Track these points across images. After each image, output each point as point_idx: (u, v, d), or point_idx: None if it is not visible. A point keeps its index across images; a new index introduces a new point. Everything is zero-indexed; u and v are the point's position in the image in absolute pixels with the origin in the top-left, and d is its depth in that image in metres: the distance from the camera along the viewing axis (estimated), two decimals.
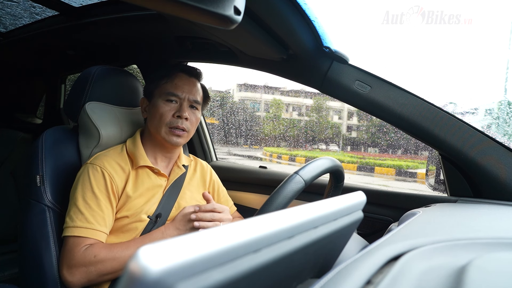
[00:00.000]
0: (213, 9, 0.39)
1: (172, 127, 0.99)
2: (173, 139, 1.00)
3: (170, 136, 0.99)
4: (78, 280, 0.84)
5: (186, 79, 1.03)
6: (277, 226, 0.29)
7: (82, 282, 0.84)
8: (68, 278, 0.84)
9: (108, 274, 0.84)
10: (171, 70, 1.03)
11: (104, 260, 0.83)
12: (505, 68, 3.04)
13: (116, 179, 0.94)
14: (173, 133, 0.99)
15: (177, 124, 0.99)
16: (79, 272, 0.83)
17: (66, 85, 2.20)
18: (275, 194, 0.81)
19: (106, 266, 0.83)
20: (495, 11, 7.76)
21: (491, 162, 0.93)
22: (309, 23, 0.89)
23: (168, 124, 0.99)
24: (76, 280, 0.84)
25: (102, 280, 0.85)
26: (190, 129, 1.03)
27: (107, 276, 0.85)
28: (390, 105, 1.00)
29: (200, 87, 1.07)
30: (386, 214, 1.19)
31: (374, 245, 0.46)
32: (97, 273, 0.83)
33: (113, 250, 0.85)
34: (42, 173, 0.96)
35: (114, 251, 0.85)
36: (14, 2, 1.40)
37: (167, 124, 0.99)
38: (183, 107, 1.00)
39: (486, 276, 0.36)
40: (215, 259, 0.23)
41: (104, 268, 0.83)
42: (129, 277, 0.19)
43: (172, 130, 0.99)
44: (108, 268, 0.83)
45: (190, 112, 1.02)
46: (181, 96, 1.01)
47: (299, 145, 6.78)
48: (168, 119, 0.99)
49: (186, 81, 1.03)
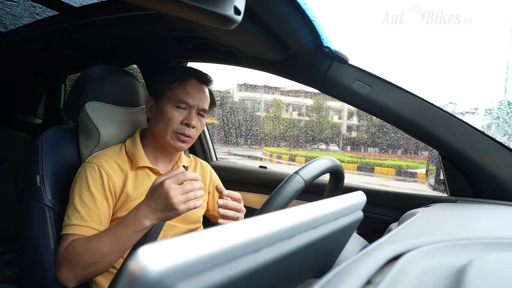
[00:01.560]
0: (213, 9, 0.39)
1: (179, 133, 0.98)
2: (178, 144, 0.99)
3: (176, 141, 0.99)
4: (66, 275, 0.82)
5: (198, 86, 1.01)
6: (277, 226, 0.29)
7: (70, 278, 0.82)
8: (58, 276, 0.83)
9: (90, 265, 0.81)
10: (183, 74, 1.01)
11: (81, 252, 0.80)
12: (505, 68, 3.04)
13: (113, 177, 0.94)
14: (178, 138, 0.98)
15: (183, 131, 0.98)
16: (64, 267, 0.82)
17: (66, 85, 2.20)
18: (275, 194, 0.80)
19: (84, 258, 0.80)
20: (495, 11, 7.76)
21: (491, 162, 0.93)
22: (309, 23, 0.89)
23: (175, 129, 0.98)
24: (65, 276, 0.82)
25: (88, 273, 0.82)
26: (195, 136, 1.02)
27: (90, 269, 0.81)
28: (390, 105, 1.00)
29: (208, 94, 1.05)
30: (386, 214, 1.19)
31: (374, 245, 0.46)
32: (80, 267, 0.81)
33: (89, 241, 0.82)
34: (42, 173, 0.96)
35: (89, 241, 0.82)
36: (14, 2, 1.40)
37: (174, 129, 0.98)
38: (192, 115, 0.99)
39: (486, 276, 0.36)
40: (215, 259, 0.23)
41: (84, 260, 0.80)
42: (129, 277, 0.19)
43: (178, 135, 0.98)
44: (86, 260, 0.80)
45: (197, 119, 1.01)
46: (192, 103, 0.99)
47: (299, 145, 6.78)
48: (175, 125, 0.98)
49: (197, 88, 1.01)
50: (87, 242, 0.82)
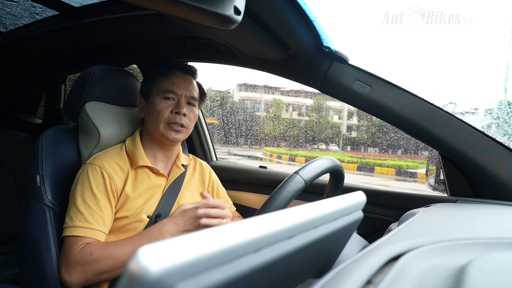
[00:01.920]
0: (213, 9, 0.39)
1: (171, 123, 0.99)
2: (172, 135, 1.00)
3: (169, 132, 0.99)
4: (76, 279, 0.83)
5: (182, 76, 1.04)
6: (277, 226, 0.29)
7: (80, 282, 0.83)
8: (66, 278, 0.83)
9: (105, 273, 0.83)
10: (167, 68, 1.04)
11: (100, 258, 0.82)
12: (505, 68, 3.04)
13: (115, 178, 0.94)
14: (171, 129, 0.99)
15: (175, 120, 0.99)
16: (76, 271, 0.83)
17: (66, 85, 2.20)
18: (275, 194, 0.80)
19: (102, 265, 0.82)
20: (495, 11, 7.75)
21: (491, 162, 0.93)
22: (309, 23, 0.89)
23: (166, 120, 0.99)
24: (74, 280, 0.83)
25: (100, 279, 0.84)
26: (189, 125, 1.03)
27: (104, 275, 0.83)
28: (390, 105, 1.00)
29: (196, 84, 1.08)
30: (386, 214, 1.19)
31: (374, 245, 0.46)
32: (94, 272, 0.82)
33: (109, 248, 0.84)
34: (42, 173, 0.96)
35: (109, 249, 0.84)
36: (14, 2, 1.40)
37: (165, 120, 0.99)
38: (181, 103, 1.01)
39: (486, 276, 0.36)
40: (215, 259, 0.23)
41: (100, 267, 0.82)
42: (129, 277, 0.19)
43: (170, 125, 0.99)
44: (104, 266, 0.82)
45: (187, 108, 1.03)
46: (178, 92, 1.01)
47: (299, 145, 6.78)
48: (166, 116, 0.99)
49: (183, 78, 1.04)
50: (107, 249, 0.83)
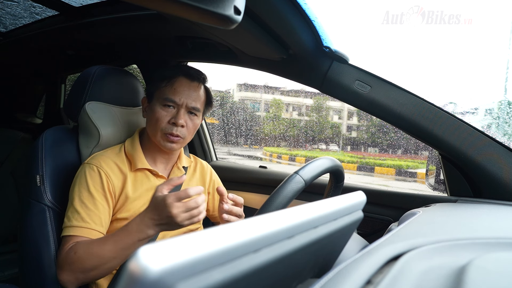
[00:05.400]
0: (213, 9, 0.39)
1: (167, 133, 0.96)
2: (167, 145, 0.98)
3: (165, 142, 0.97)
4: (66, 278, 0.82)
5: (187, 84, 0.98)
6: (277, 226, 0.29)
7: (71, 281, 0.83)
8: (59, 277, 0.84)
9: (91, 270, 0.81)
10: (172, 72, 0.99)
11: (83, 256, 0.81)
12: (505, 68, 3.04)
13: (112, 178, 0.94)
14: (167, 139, 0.97)
15: (171, 131, 0.96)
16: (65, 270, 0.82)
17: (66, 85, 2.20)
18: (275, 194, 0.80)
19: (87, 262, 0.80)
20: (495, 11, 7.75)
21: (491, 162, 0.93)
22: (309, 23, 0.89)
23: (163, 129, 0.96)
24: (65, 279, 0.83)
25: (91, 277, 0.83)
26: (186, 136, 0.99)
27: (92, 273, 0.82)
28: (390, 105, 1.00)
29: (202, 92, 1.03)
30: (386, 214, 1.19)
31: (374, 245, 0.46)
32: (81, 270, 0.81)
33: (91, 245, 0.82)
34: (42, 173, 0.96)
35: (91, 246, 0.82)
36: (14, 2, 1.39)
37: (162, 129, 0.96)
38: (180, 114, 0.96)
39: (486, 276, 0.36)
40: (215, 259, 0.23)
41: (85, 265, 0.80)
42: (129, 277, 0.19)
43: (166, 135, 0.96)
44: (88, 264, 0.80)
45: (187, 118, 0.98)
46: (179, 102, 0.96)
47: (299, 145, 6.77)
48: (163, 125, 0.96)
49: (187, 86, 0.98)
50: (89, 247, 0.82)
